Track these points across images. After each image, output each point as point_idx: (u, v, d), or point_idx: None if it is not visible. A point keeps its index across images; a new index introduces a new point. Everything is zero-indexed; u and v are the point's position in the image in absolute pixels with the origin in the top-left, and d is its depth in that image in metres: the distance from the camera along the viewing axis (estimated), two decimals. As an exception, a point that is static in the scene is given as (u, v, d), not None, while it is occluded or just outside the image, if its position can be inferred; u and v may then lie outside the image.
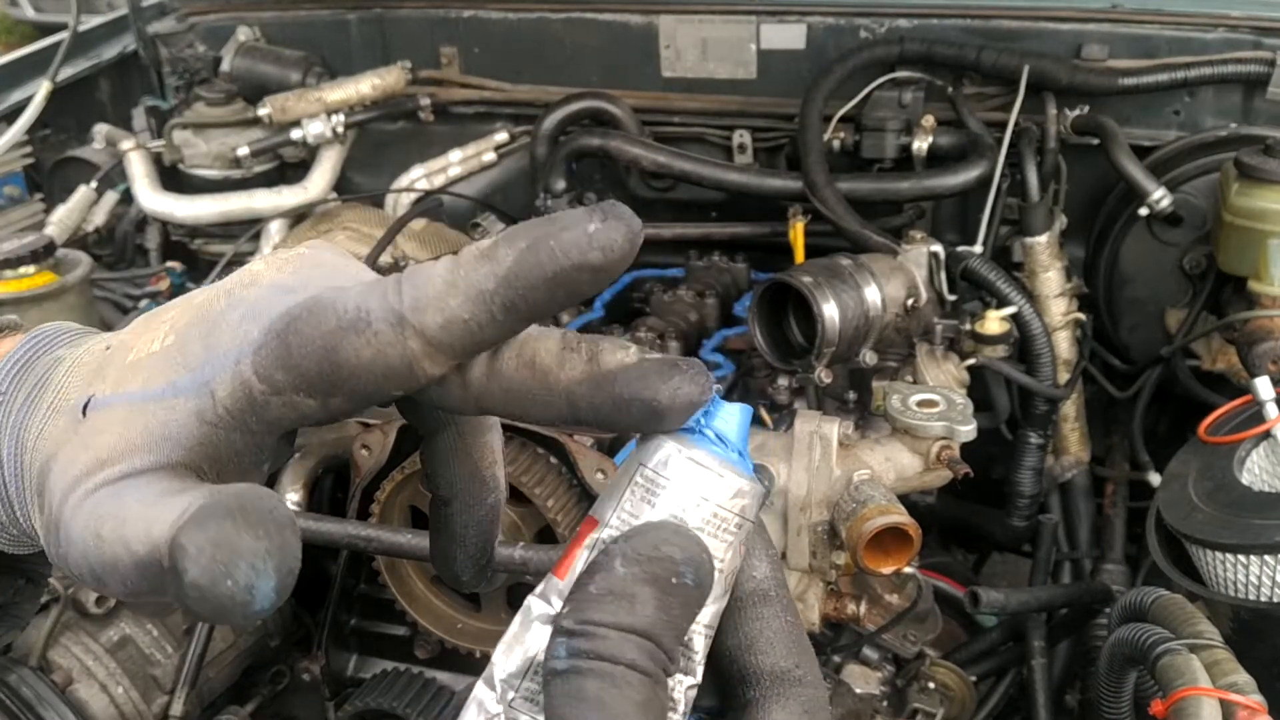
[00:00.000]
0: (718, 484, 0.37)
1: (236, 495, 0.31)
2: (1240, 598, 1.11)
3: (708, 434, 0.38)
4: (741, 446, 0.39)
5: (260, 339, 0.34)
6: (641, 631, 0.34)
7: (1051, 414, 1.47)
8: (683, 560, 0.36)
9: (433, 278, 0.34)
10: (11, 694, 1.24)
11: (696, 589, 0.36)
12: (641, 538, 0.36)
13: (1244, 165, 1.39)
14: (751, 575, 0.40)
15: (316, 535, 1.06)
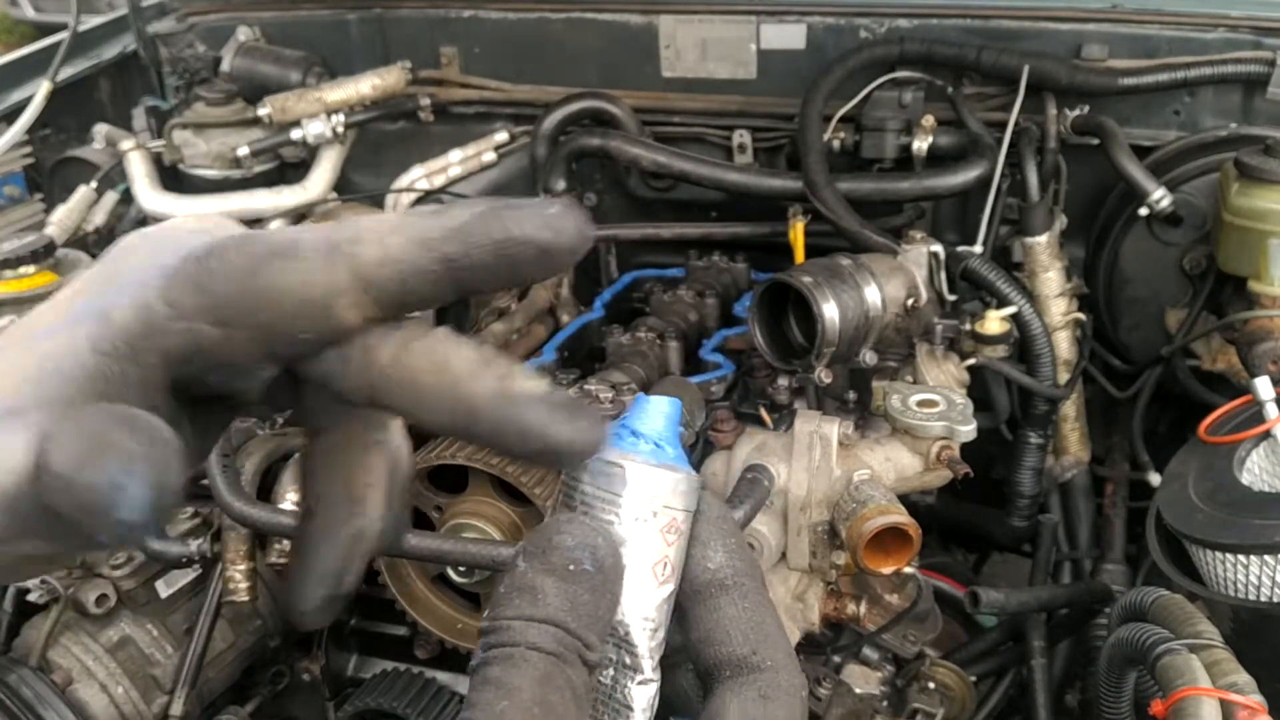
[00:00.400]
0: (635, 481, 0.39)
1: (118, 407, 0.30)
2: (1240, 598, 1.11)
3: (622, 432, 0.40)
4: (664, 438, 0.40)
5: (176, 264, 0.32)
6: (544, 619, 0.36)
7: (1051, 414, 1.47)
8: (576, 547, 0.37)
9: (379, 218, 0.33)
10: (11, 694, 1.24)
11: (599, 573, 0.37)
12: (539, 534, 0.38)
13: (1244, 165, 1.39)
14: (705, 566, 0.40)
15: (316, 535, 1.06)
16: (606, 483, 0.39)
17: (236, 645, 1.40)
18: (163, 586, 1.35)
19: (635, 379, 1.40)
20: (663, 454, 0.40)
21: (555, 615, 0.36)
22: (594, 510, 0.40)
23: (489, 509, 1.16)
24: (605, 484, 0.39)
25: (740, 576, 0.40)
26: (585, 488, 0.40)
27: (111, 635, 1.32)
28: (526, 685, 0.34)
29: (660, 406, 0.41)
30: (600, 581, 0.37)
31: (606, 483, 0.39)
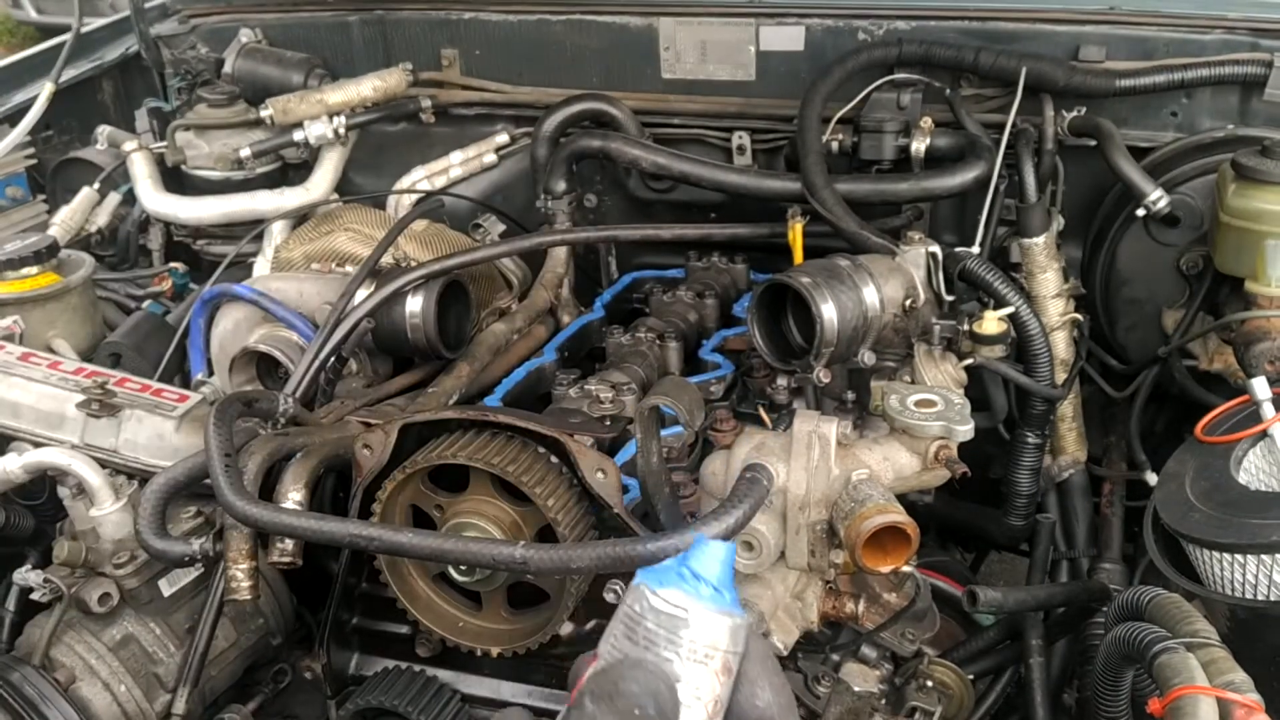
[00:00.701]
0: (697, 625, 0.43)
1: None
2: (1237, 597, 1.12)
3: (684, 573, 0.44)
4: (723, 583, 0.44)
5: None
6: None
7: (1049, 414, 1.48)
8: (641, 693, 0.41)
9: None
10: (14, 692, 1.25)
11: (660, 717, 0.41)
12: (604, 676, 0.42)
13: (1241, 166, 1.40)
14: (754, 704, 0.45)
15: (318, 534, 1.06)
16: (669, 623, 0.43)
17: (238, 644, 1.41)
18: (165, 585, 1.35)
19: (635, 379, 1.41)
20: (721, 599, 0.44)
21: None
22: (655, 647, 0.43)
23: (490, 508, 1.17)
24: (668, 624, 0.43)
25: (785, 713, 0.45)
26: (649, 624, 0.44)
27: (114, 634, 1.32)
28: None
29: (719, 553, 0.45)
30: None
31: (669, 623, 0.43)
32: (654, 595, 0.43)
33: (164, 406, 1.39)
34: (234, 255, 1.84)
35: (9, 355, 1.47)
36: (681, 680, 0.43)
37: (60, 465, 1.33)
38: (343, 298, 1.49)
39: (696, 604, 0.43)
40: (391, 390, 1.51)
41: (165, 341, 1.70)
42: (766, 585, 1.15)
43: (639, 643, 0.43)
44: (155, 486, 1.17)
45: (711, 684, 0.43)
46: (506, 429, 1.15)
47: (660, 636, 0.43)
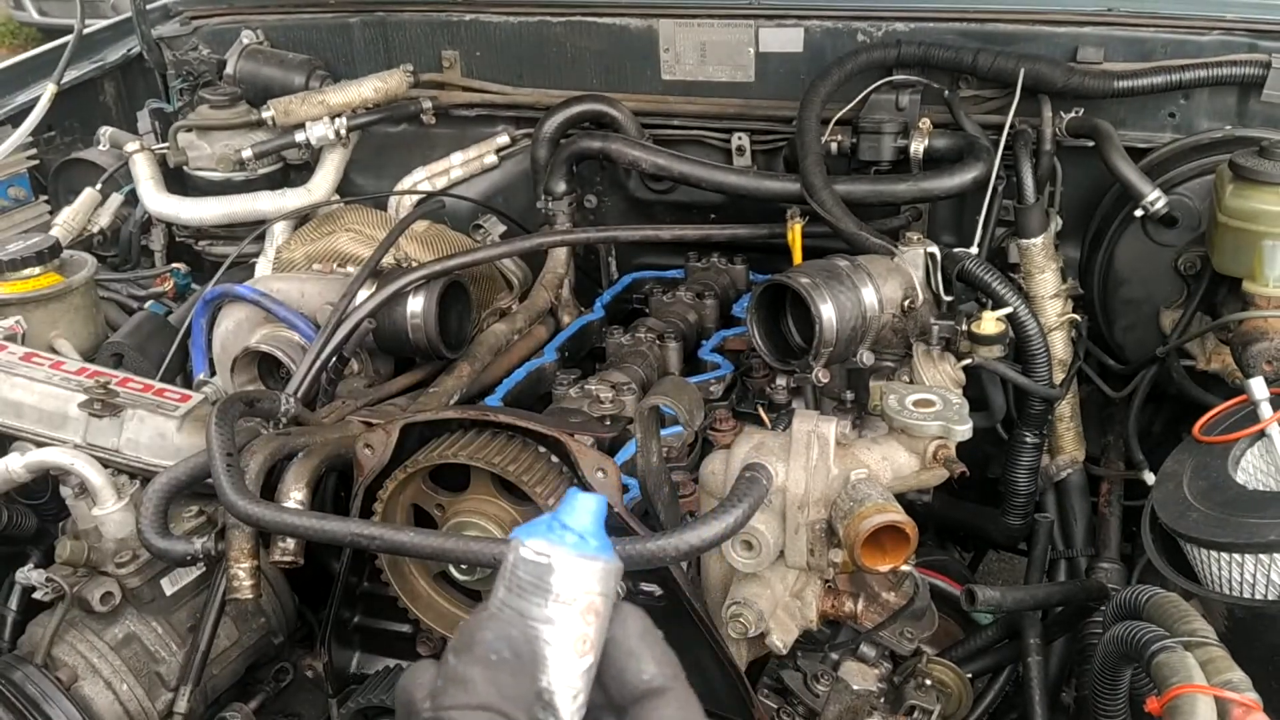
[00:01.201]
0: (561, 570, 0.47)
1: None
2: (1235, 596, 1.12)
3: (553, 524, 0.48)
4: (588, 532, 0.48)
5: None
6: (479, 705, 0.42)
7: (1047, 413, 1.48)
8: (495, 640, 0.45)
9: None
10: (17, 691, 1.26)
11: (516, 659, 0.44)
12: (464, 629, 0.45)
13: (1239, 167, 1.40)
14: (640, 678, 0.47)
15: (320, 533, 1.07)
16: (536, 570, 0.47)
17: (240, 642, 1.41)
18: (167, 584, 1.36)
19: (635, 379, 1.41)
20: (586, 545, 0.48)
21: (486, 701, 0.43)
22: (526, 594, 0.47)
23: (490, 507, 1.17)
24: (535, 572, 0.47)
25: (671, 681, 0.47)
26: (519, 573, 0.47)
27: (116, 633, 1.33)
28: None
29: (588, 504, 0.49)
30: (518, 667, 0.45)
31: (536, 570, 0.47)
32: (523, 546, 0.47)
33: (166, 406, 1.40)
34: (236, 256, 1.85)
35: (11, 355, 1.48)
36: (550, 623, 0.46)
37: (63, 465, 1.33)
38: (344, 298, 1.49)
39: (560, 550, 0.47)
40: (393, 390, 1.52)
41: (167, 342, 1.71)
42: (766, 584, 1.16)
43: (513, 591, 0.47)
44: (157, 486, 1.17)
45: (578, 624, 0.47)
46: (507, 429, 1.16)
47: (528, 584, 0.47)
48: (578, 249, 1.87)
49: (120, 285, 1.94)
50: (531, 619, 0.47)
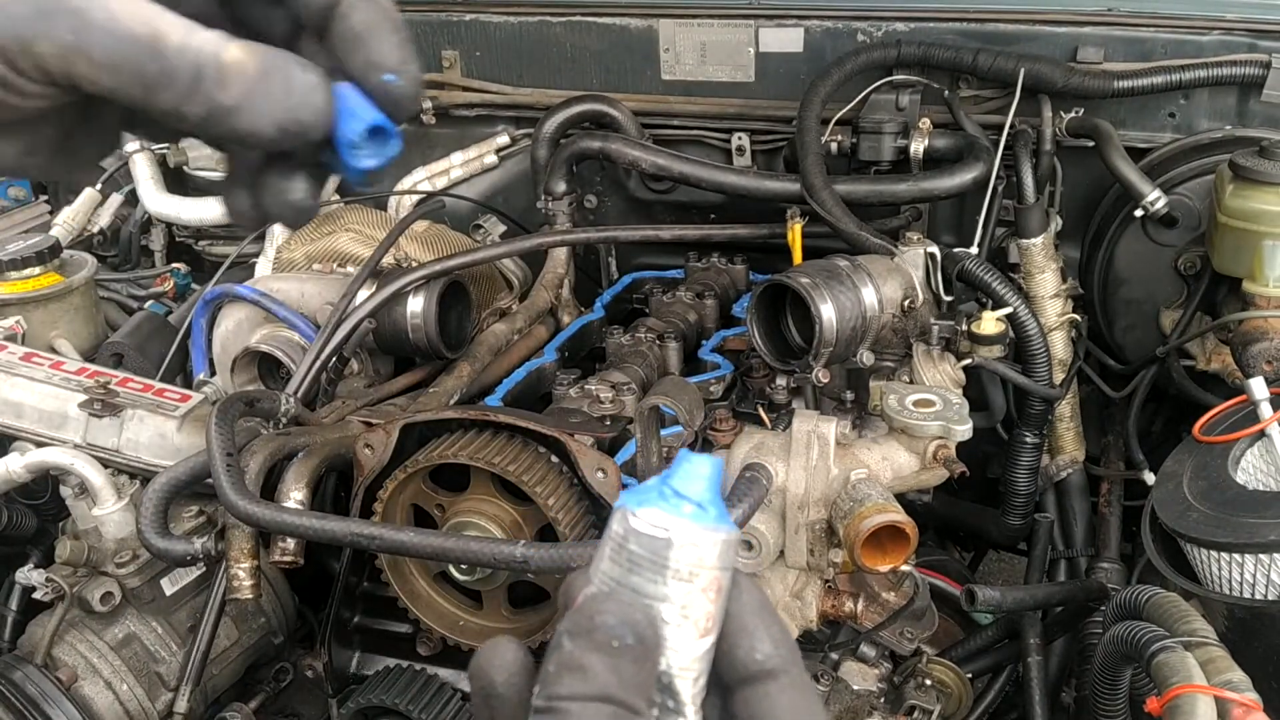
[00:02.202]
0: (680, 544, 0.41)
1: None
2: (1235, 596, 1.12)
3: (665, 491, 0.43)
4: (706, 500, 0.43)
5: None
6: (598, 696, 0.38)
7: (1047, 413, 1.48)
8: (618, 625, 0.40)
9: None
10: (17, 691, 1.26)
11: (640, 644, 0.40)
12: (579, 612, 0.41)
13: (1239, 167, 1.40)
14: (754, 657, 0.43)
15: (320, 533, 1.07)
16: (651, 545, 0.42)
17: (240, 643, 1.41)
18: (167, 584, 1.36)
19: (635, 379, 1.41)
20: (705, 516, 0.42)
21: (605, 691, 0.38)
22: (640, 569, 0.42)
23: (490, 507, 1.17)
24: (650, 546, 0.42)
25: (787, 664, 0.43)
26: (632, 547, 0.42)
27: (116, 633, 1.33)
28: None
29: (702, 469, 0.43)
30: (642, 653, 0.40)
31: (651, 545, 0.42)
32: (634, 517, 0.42)
33: (166, 406, 1.40)
34: (236, 256, 1.85)
35: (11, 355, 1.48)
36: (668, 601, 0.42)
37: (62, 465, 1.33)
38: (344, 298, 1.49)
39: (678, 522, 0.42)
40: (393, 390, 1.52)
41: (167, 342, 1.71)
42: (765, 584, 1.16)
43: (623, 565, 0.42)
44: (157, 486, 1.17)
45: (700, 602, 0.42)
46: (507, 429, 1.16)
47: (643, 559, 0.42)
48: (578, 249, 1.87)
49: (120, 285, 1.94)
50: (649, 597, 0.42)
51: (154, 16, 0.42)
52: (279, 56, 0.44)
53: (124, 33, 0.40)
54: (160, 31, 0.41)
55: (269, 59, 0.43)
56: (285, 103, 0.43)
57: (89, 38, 0.40)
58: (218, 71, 0.42)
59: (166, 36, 0.41)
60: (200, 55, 0.42)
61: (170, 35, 0.41)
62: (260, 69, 0.43)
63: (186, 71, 0.42)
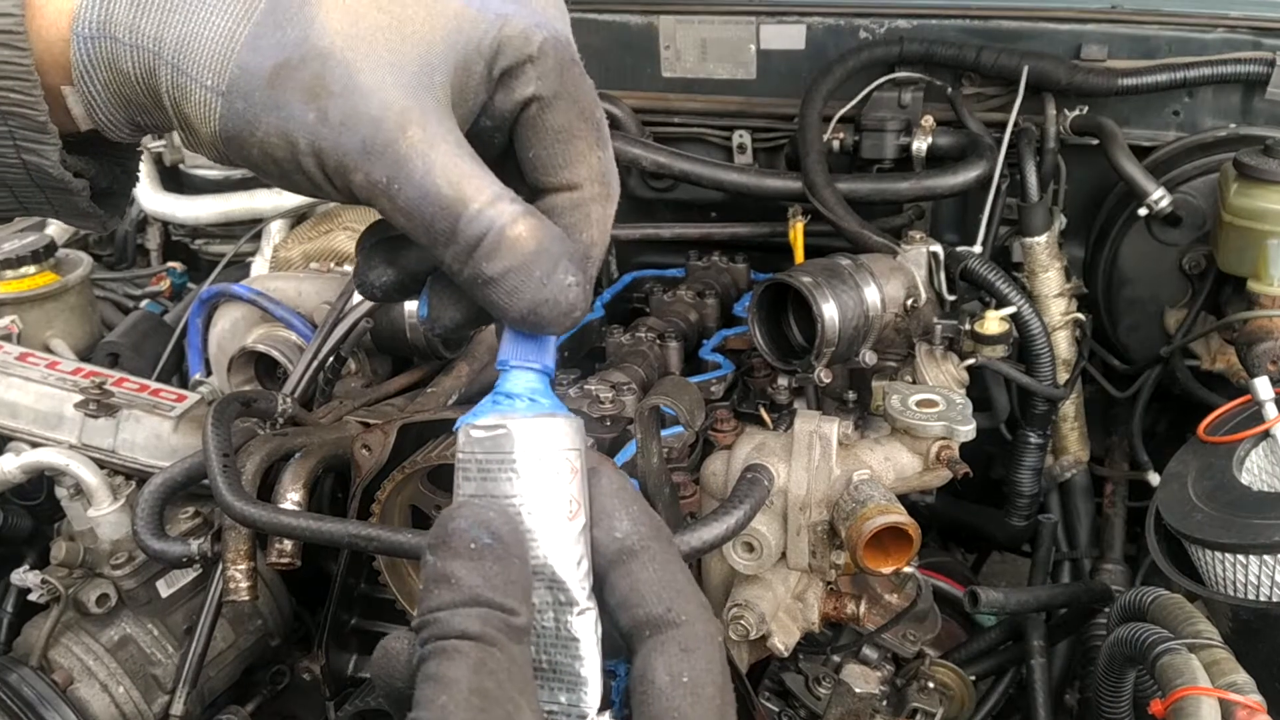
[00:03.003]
0: (521, 436, 0.42)
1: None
2: (1239, 597, 1.11)
3: (497, 399, 0.44)
4: (535, 393, 0.44)
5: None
6: (464, 601, 0.38)
7: (1051, 414, 1.47)
8: (470, 526, 0.40)
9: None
10: (12, 694, 1.25)
11: (499, 543, 0.40)
12: (437, 526, 0.41)
13: (1243, 165, 1.39)
14: (613, 536, 0.43)
15: (317, 535, 1.06)
16: (494, 444, 0.43)
17: (237, 645, 1.40)
18: (163, 586, 1.35)
19: (635, 379, 1.40)
20: (539, 406, 0.44)
21: (473, 594, 0.38)
22: (491, 474, 0.43)
23: (489, 509, 1.16)
24: (494, 446, 0.43)
25: (646, 540, 0.43)
26: (479, 456, 0.43)
27: (112, 635, 1.32)
28: (463, 676, 0.36)
29: (525, 374, 0.45)
30: (503, 550, 0.40)
31: (494, 444, 0.43)
32: (473, 428, 0.43)
33: (162, 406, 1.39)
34: (232, 255, 1.84)
35: (7, 355, 1.47)
36: (525, 494, 0.42)
37: (58, 465, 1.32)
38: (341, 297, 1.48)
39: (512, 418, 0.43)
40: (390, 390, 1.51)
41: (163, 341, 1.70)
42: (767, 586, 1.15)
43: (476, 478, 0.43)
44: (153, 487, 1.16)
45: (555, 486, 0.42)
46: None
47: (491, 462, 0.43)
48: (577, 248, 1.86)
49: (116, 284, 1.93)
50: (505, 496, 0.42)
51: (466, 178, 0.42)
52: (558, 243, 0.43)
53: (431, 189, 0.42)
54: (465, 197, 0.42)
55: (547, 242, 0.43)
56: (538, 294, 0.43)
57: (399, 187, 0.42)
58: (495, 243, 0.42)
59: (469, 203, 0.42)
60: (490, 225, 0.42)
61: (473, 202, 0.42)
62: (538, 250, 0.42)
63: (472, 238, 0.42)
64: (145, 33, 0.42)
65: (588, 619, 0.42)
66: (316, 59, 0.41)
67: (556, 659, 0.42)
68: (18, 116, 0.44)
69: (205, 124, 0.43)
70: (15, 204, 0.48)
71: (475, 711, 0.36)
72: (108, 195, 0.52)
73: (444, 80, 0.43)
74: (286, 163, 0.43)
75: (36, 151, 0.45)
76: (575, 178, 0.46)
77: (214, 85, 0.42)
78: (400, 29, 0.43)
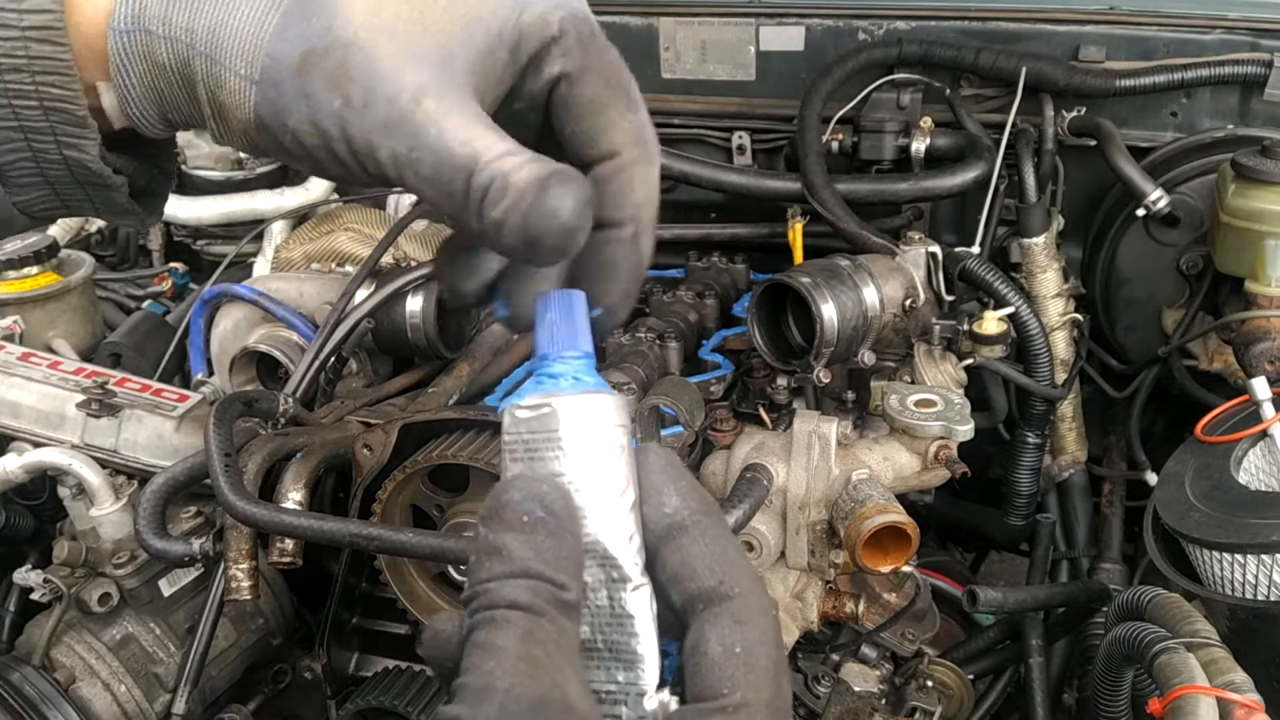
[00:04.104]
0: (567, 412, 0.42)
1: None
2: (1237, 597, 1.12)
3: (540, 379, 0.44)
4: (578, 372, 0.44)
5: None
6: (514, 573, 0.38)
7: (1049, 414, 1.48)
8: (524, 499, 0.40)
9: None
10: (14, 692, 1.25)
11: (552, 517, 0.40)
12: (490, 499, 0.41)
13: (1241, 166, 1.40)
14: (663, 512, 0.43)
15: (318, 534, 1.06)
16: (540, 424, 0.42)
17: (239, 644, 1.41)
18: (165, 585, 1.35)
19: (635, 379, 1.41)
20: (583, 384, 0.43)
21: (524, 566, 0.38)
22: (539, 453, 0.42)
23: (490, 508, 1.17)
24: (540, 425, 0.42)
25: (696, 515, 0.43)
26: (525, 436, 0.43)
27: (114, 634, 1.32)
28: (511, 644, 0.37)
29: (570, 356, 0.45)
30: (556, 525, 0.40)
31: (540, 424, 0.42)
32: (518, 409, 0.43)
33: (164, 406, 1.39)
34: (234, 255, 1.84)
35: (9, 355, 1.47)
36: (574, 471, 0.42)
37: (60, 465, 1.33)
38: (343, 298, 1.49)
39: (557, 397, 0.43)
40: (391, 390, 1.51)
41: (165, 341, 1.70)
42: (766, 585, 1.15)
43: (524, 459, 0.43)
44: (155, 486, 1.17)
45: (605, 462, 0.42)
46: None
47: (538, 440, 0.43)
48: (578, 248, 1.86)
49: (118, 285, 1.93)
50: (554, 475, 0.42)
51: (478, 138, 0.43)
52: (562, 171, 0.43)
53: (444, 153, 0.43)
54: (476, 154, 0.43)
55: (546, 176, 0.43)
56: (532, 210, 0.43)
57: (419, 156, 0.43)
58: (500, 188, 0.43)
59: (480, 158, 0.43)
60: (496, 174, 0.43)
61: (483, 157, 0.43)
62: (530, 179, 0.43)
63: (480, 189, 0.43)
64: (177, 24, 0.44)
65: (642, 595, 0.42)
66: (340, 48, 0.43)
67: (612, 637, 0.42)
68: (59, 112, 0.45)
69: (240, 110, 0.45)
70: (57, 201, 0.49)
71: (522, 677, 0.36)
72: (146, 194, 0.54)
73: (464, 67, 0.44)
74: (318, 150, 0.44)
75: (77, 146, 0.46)
76: (613, 144, 0.47)
77: (247, 74, 0.44)
78: (421, 20, 0.44)
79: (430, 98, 0.43)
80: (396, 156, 0.43)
